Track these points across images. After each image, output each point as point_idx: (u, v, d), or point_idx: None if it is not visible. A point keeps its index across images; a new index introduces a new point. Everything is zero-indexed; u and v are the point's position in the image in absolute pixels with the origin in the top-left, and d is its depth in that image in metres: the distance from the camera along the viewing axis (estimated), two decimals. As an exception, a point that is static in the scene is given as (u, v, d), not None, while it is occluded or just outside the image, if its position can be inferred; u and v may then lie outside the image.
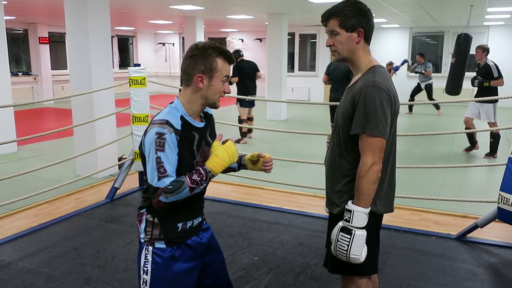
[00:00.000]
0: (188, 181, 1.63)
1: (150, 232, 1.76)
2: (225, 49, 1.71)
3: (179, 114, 1.69)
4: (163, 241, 1.75)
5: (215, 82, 1.69)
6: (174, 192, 1.61)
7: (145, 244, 1.78)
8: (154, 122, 1.65)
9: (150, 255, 1.75)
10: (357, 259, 1.82)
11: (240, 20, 12.46)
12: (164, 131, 1.61)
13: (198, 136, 1.73)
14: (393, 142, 1.95)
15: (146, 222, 1.78)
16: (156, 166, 1.60)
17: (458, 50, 7.88)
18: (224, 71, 1.69)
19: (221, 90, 1.72)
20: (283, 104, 10.74)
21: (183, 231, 1.79)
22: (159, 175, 1.60)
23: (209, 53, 1.67)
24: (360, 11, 1.86)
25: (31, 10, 10.41)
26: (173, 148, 1.62)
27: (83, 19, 5.29)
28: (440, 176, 5.66)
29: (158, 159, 1.60)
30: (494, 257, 3.39)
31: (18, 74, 13.57)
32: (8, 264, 3.23)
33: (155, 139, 1.60)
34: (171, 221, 1.76)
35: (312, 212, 4.24)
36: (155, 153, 1.60)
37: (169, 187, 1.61)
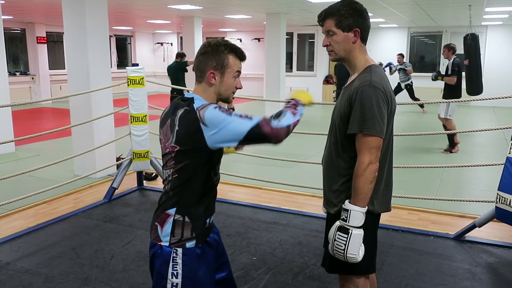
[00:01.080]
0: (285, 109, 1.80)
1: (180, 233, 1.66)
2: (237, 46, 1.75)
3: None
4: (195, 239, 1.68)
5: (226, 77, 1.71)
6: (278, 117, 1.69)
7: (171, 248, 1.67)
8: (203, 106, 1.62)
9: (179, 257, 1.66)
10: (354, 259, 1.82)
11: (238, 20, 12.46)
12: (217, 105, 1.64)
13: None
14: (390, 141, 1.96)
15: (174, 223, 1.67)
16: (238, 117, 1.59)
17: (468, 51, 7.87)
18: (235, 67, 1.72)
19: (233, 86, 1.75)
20: (281, 104, 10.72)
21: (209, 227, 1.78)
22: (248, 117, 1.61)
23: (221, 50, 1.70)
24: (356, 11, 1.86)
25: (29, 10, 10.39)
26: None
27: (81, 18, 5.28)
28: (438, 175, 5.67)
29: (235, 115, 1.60)
30: (492, 256, 3.40)
31: (16, 74, 13.54)
32: (6, 264, 3.22)
33: (219, 110, 1.60)
34: (201, 217, 1.71)
35: (310, 212, 4.24)
36: (229, 114, 1.59)
37: (266, 118, 1.63)
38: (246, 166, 6.08)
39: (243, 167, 6.03)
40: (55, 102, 13.47)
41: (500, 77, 12.80)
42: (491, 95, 3.99)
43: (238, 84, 1.77)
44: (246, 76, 16.43)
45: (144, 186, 5.11)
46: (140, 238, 3.67)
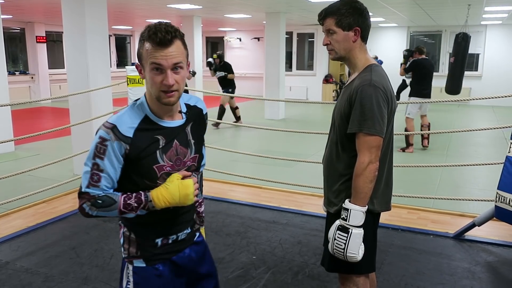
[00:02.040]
0: (121, 203, 1.41)
1: (127, 248, 1.53)
2: (158, 29, 1.34)
3: (142, 114, 1.44)
4: (141, 259, 1.52)
5: (147, 72, 1.38)
6: (101, 208, 1.41)
7: (125, 261, 1.55)
8: (104, 124, 1.42)
9: (130, 274, 1.52)
10: (354, 258, 1.83)
11: (238, 19, 12.46)
12: (107, 137, 1.38)
13: (164, 139, 1.45)
14: (390, 140, 1.96)
15: (123, 236, 1.54)
16: (90, 171, 1.40)
17: (456, 50, 7.91)
18: (149, 58, 1.35)
19: (157, 82, 1.36)
20: (281, 103, 10.74)
21: (165, 247, 1.54)
22: (91, 182, 1.40)
23: (142, 37, 1.38)
24: (357, 10, 1.86)
25: (28, 9, 10.38)
26: (114, 159, 1.39)
27: (80, 18, 5.27)
28: (438, 175, 5.67)
29: (95, 166, 1.39)
30: (491, 255, 3.40)
31: (15, 73, 13.53)
32: (5, 263, 3.22)
33: (96, 143, 1.39)
34: (149, 236, 1.52)
35: (310, 211, 4.24)
36: (93, 158, 1.39)
37: (98, 201, 1.40)
38: (246, 165, 6.08)
39: (243, 166, 6.03)
40: (55, 102, 13.46)
41: (499, 77, 12.81)
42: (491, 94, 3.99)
43: (165, 80, 1.35)
44: (245, 76, 16.46)
45: (143, 185, 5.10)
46: (139, 237, 3.67)
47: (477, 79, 13.31)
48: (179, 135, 1.49)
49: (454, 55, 7.93)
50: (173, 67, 1.36)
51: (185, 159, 1.51)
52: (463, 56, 7.88)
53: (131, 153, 1.40)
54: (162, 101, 1.40)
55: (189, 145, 1.52)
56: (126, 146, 1.39)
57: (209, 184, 5.17)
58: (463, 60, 7.87)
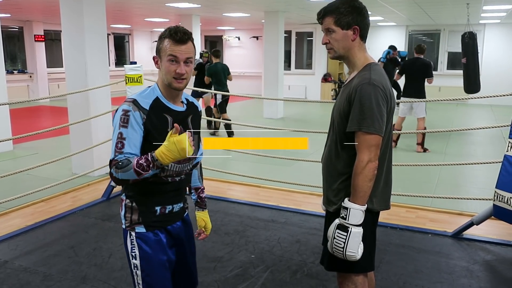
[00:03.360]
0: (134, 163, 1.62)
1: (129, 217, 1.77)
2: (178, 30, 1.69)
3: (154, 96, 1.73)
4: (142, 225, 1.76)
5: (163, 62, 1.70)
6: (121, 169, 1.62)
7: (127, 230, 1.79)
8: (125, 101, 1.71)
9: (134, 240, 1.77)
10: (353, 257, 1.83)
11: (237, 18, 12.45)
12: (129, 109, 1.66)
13: (171, 119, 1.73)
14: (389, 139, 1.96)
15: (125, 207, 1.79)
16: (116, 140, 1.65)
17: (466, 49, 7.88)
18: (168, 51, 1.68)
19: (171, 70, 1.69)
20: (279, 102, 10.74)
21: (162, 215, 1.80)
22: (116, 150, 1.64)
23: (162, 35, 1.71)
24: (356, 9, 1.86)
25: (27, 8, 10.36)
26: (136, 126, 1.65)
27: (78, 16, 5.26)
28: (436, 173, 5.68)
29: (120, 134, 1.65)
30: (489, 254, 3.41)
31: (14, 72, 13.50)
32: (4, 263, 3.22)
33: (120, 115, 1.66)
34: (149, 204, 1.77)
35: (309, 210, 4.25)
36: (119, 128, 1.65)
37: (119, 163, 1.63)
38: (245, 164, 6.09)
39: (242, 165, 6.03)
40: (53, 101, 13.44)
41: (498, 76, 12.82)
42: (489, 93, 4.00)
43: (177, 69, 1.69)
44: (244, 75, 16.45)
45: (142, 184, 5.10)
46: (138, 236, 3.67)
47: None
48: (182, 121, 1.77)
49: (464, 55, 7.90)
50: (185, 60, 1.69)
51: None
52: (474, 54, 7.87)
53: (147, 123, 1.67)
54: (173, 85, 1.71)
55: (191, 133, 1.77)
56: (144, 116, 1.67)
57: (208, 183, 5.15)
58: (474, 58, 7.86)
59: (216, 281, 2.96)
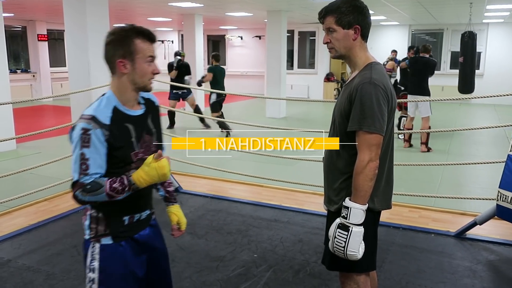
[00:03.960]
0: (107, 186, 1.57)
1: (95, 228, 1.69)
2: (144, 28, 1.63)
3: (112, 106, 1.64)
4: (110, 236, 1.69)
5: (139, 64, 1.62)
6: (91, 193, 1.56)
7: (90, 242, 1.69)
8: (82, 117, 1.60)
9: (97, 252, 1.68)
10: (354, 256, 1.83)
11: (239, 18, 12.44)
12: (89, 127, 1.56)
13: (133, 126, 1.67)
14: (391, 138, 1.95)
15: (91, 218, 1.70)
16: (79, 161, 1.56)
17: (464, 49, 7.88)
18: (146, 52, 1.62)
19: (148, 72, 1.64)
20: (282, 101, 10.73)
21: (130, 225, 1.73)
22: (81, 171, 1.56)
23: (127, 36, 1.60)
24: (357, 8, 1.85)
25: (30, 7, 10.39)
26: (99, 145, 1.57)
27: (81, 16, 5.28)
28: (439, 173, 5.67)
29: (82, 155, 1.56)
30: (493, 254, 3.40)
31: (17, 72, 13.55)
32: (7, 261, 3.23)
33: (80, 135, 1.56)
34: (117, 214, 1.70)
35: (311, 209, 4.24)
36: (80, 148, 1.56)
37: (87, 186, 1.56)
38: (247, 164, 6.09)
39: (244, 164, 6.03)
40: (56, 100, 13.48)
41: (501, 75, 12.78)
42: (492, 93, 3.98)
43: (154, 70, 1.66)
44: (247, 74, 16.45)
45: (145, 183, 5.11)
46: (141, 235, 3.67)
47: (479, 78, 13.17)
48: (144, 124, 1.73)
49: (462, 55, 7.90)
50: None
51: (151, 146, 1.74)
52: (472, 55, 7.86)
53: (110, 139, 1.59)
54: (148, 87, 1.68)
55: (152, 134, 1.76)
56: (106, 132, 1.58)
57: (210, 182, 5.17)
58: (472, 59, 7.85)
59: (218, 280, 2.97)
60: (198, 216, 4.08)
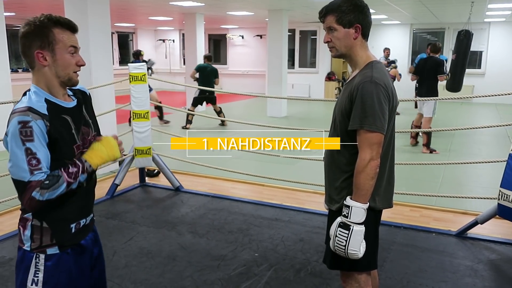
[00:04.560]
0: (65, 175, 1.45)
1: (39, 238, 1.55)
2: (62, 17, 1.52)
3: (42, 97, 1.50)
4: (56, 246, 1.57)
5: (59, 55, 1.50)
6: (50, 188, 1.42)
7: (33, 253, 1.56)
8: (15, 111, 1.44)
9: (41, 264, 1.55)
10: (355, 255, 1.83)
11: (241, 17, 12.44)
12: (28, 119, 1.41)
13: (70, 118, 1.55)
14: (392, 137, 1.95)
15: (32, 228, 1.55)
16: (26, 158, 1.40)
17: (458, 47, 7.88)
18: (67, 42, 1.50)
19: (72, 63, 1.52)
20: (283, 100, 10.72)
21: (77, 232, 1.63)
22: (31, 168, 1.40)
23: (43, 26, 1.48)
24: (357, 7, 1.85)
25: (31, 6, 10.40)
26: (41, 136, 1.43)
27: (83, 15, 5.28)
28: (440, 172, 5.66)
29: (28, 150, 1.40)
30: (494, 253, 3.39)
31: (18, 71, 13.57)
32: (9, 260, 3.24)
33: (19, 129, 1.40)
34: (63, 222, 1.58)
35: (312, 208, 4.25)
36: (23, 144, 1.39)
37: (45, 182, 1.41)
38: (248, 163, 6.09)
39: (245, 163, 6.03)
40: (57, 99, 13.50)
41: (503, 74, 12.75)
42: (494, 92, 3.98)
43: (79, 61, 1.54)
44: (248, 73, 16.45)
45: (146, 182, 5.12)
46: (142, 234, 3.68)
47: (480, 77, 13.25)
48: (80, 116, 1.61)
49: (455, 52, 7.90)
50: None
51: (89, 137, 1.64)
52: (465, 54, 7.85)
53: (51, 130, 1.46)
54: (74, 80, 1.56)
55: (89, 125, 1.66)
56: (47, 122, 1.45)
57: (211, 181, 5.18)
58: (464, 58, 7.84)
59: (219, 279, 2.97)
60: (199, 215, 4.09)
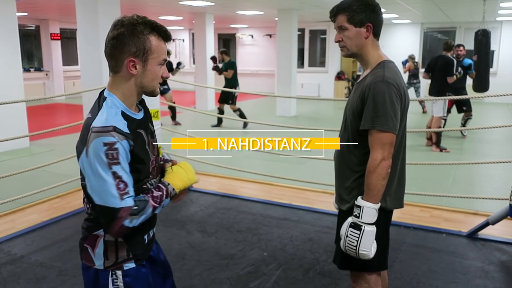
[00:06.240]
0: (151, 200, 1.40)
1: (114, 254, 1.47)
2: (158, 23, 1.40)
3: (119, 111, 1.41)
4: (133, 260, 1.49)
5: (150, 66, 1.40)
6: (139, 214, 1.36)
7: (107, 271, 1.47)
8: (97, 130, 1.33)
9: (120, 280, 1.47)
10: (366, 255, 1.82)
11: (250, 16, 12.45)
12: (114, 140, 1.32)
13: (144, 131, 1.48)
14: (403, 137, 1.94)
15: (106, 244, 1.46)
16: (114, 182, 1.32)
17: (478, 47, 7.80)
18: (161, 53, 1.41)
19: (158, 75, 1.44)
20: (292, 100, 10.71)
21: (149, 243, 1.58)
22: (120, 193, 1.32)
23: (140, 30, 1.36)
24: (368, 6, 1.84)
25: (43, 7, 10.50)
26: (126, 158, 1.35)
27: (94, 15, 5.32)
28: (451, 172, 5.62)
29: (115, 174, 1.32)
30: (505, 254, 3.36)
31: (30, 70, 13.69)
32: (20, 257, 3.27)
33: (105, 151, 1.31)
34: (138, 235, 1.50)
35: (321, 208, 4.23)
36: (109, 168, 1.31)
37: (134, 207, 1.35)
38: (257, 162, 6.09)
39: (254, 163, 6.04)
40: (69, 98, 13.61)
41: (515, 74, 12.60)
42: (506, 91, 3.93)
43: (164, 73, 1.45)
44: (257, 73, 16.44)
45: (156, 181, 5.14)
46: (152, 233, 3.70)
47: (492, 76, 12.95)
48: (147, 128, 1.53)
49: (476, 53, 7.81)
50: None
51: (155, 150, 1.57)
52: (486, 53, 7.78)
53: (133, 149, 1.39)
54: (156, 92, 1.47)
55: (154, 136, 1.59)
56: (131, 142, 1.38)
57: (220, 180, 5.18)
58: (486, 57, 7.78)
59: (228, 278, 2.98)
60: (208, 214, 4.10)
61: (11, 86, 6.57)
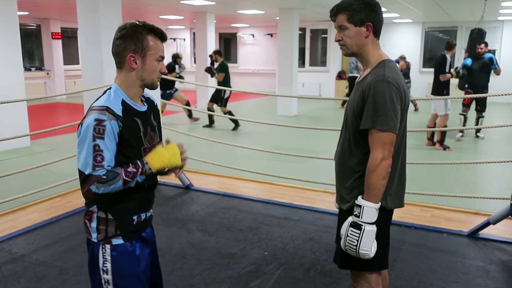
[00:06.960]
0: (123, 173, 1.57)
1: (104, 229, 1.67)
2: (155, 26, 1.64)
3: (120, 99, 1.63)
4: (120, 236, 1.68)
5: (149, 61, 1.63)
6: (107, 183, 1.55)
7: (99, 244, 1.68)
8: (93, 108, 1.59)
9: (108, 254, 1.67)
10: (366, 255, 1.82)
11: (251, 15, 12.44)
12: (103, 118, 1.55)
13: (140, 121, 1.67)
14: (404, 137, 1.94)
15: (98, 220, 1.67)
16: (92, 154, 1.54)
17: (471, 45, 7.79)
18: (157, 50, 1.64)
19: (156, 70, 1.65)
20: (293, 99, 10.71)
21: (139, 224, 1.74)
22: (95, 164, 1.54)
23: (139, 31, 1.61)
24: (369, 5, 1.84)
25: (44, 6, 10.50)
26: (112, 137, 1.56)
27: (95, 14, 5.32)
28: (452, 172, 5.61)
29: (96, 146, 1.54)
30: (506, 254, 3.36)
31: (31, 69, 13.71)
32: (21, 256, 3.28)
33: (94, 125, 1.54)
34: (126, 214, 1.70)
35: (322, 207, 4.23)
36: (93, 140, 1.54)
37: (103, 176, 1.54)
38: (258, 162, 6.09)
39: (255, 162, 6.04)
40: (70, 97, 13.62)
41: (517, 73, 12.57)
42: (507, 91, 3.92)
43: (162, 68, 1.67)
44: (258, 72, 16.44)
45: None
46: (152, 232, 3.70)
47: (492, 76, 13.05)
48: (149, 120, 1.73)
49: (468, 51, 7.81)
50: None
51: (154, 142, 1.74)
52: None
53: (123, 131, 1.59)
54: (156, 85, 1.69)
55: (155, 131, 1.77)
56: (120, 124, 1.58)
57: (221, 180, 5.19)
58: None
59: (229, 277, 2.98)
60: (209, 214, 4.10)
61: (12, 85, 6.57)
